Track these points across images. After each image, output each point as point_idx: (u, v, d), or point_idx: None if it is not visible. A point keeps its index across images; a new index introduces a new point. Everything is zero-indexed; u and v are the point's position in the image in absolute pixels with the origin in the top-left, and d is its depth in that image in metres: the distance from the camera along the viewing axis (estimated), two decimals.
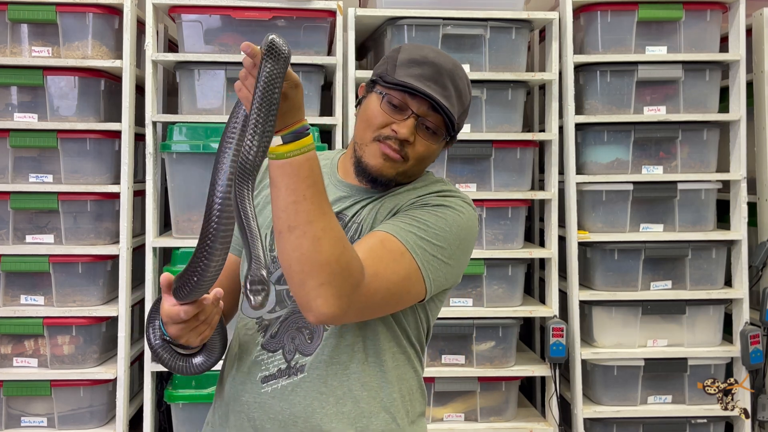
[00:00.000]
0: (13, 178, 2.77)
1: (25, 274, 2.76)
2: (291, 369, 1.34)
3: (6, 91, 2.78)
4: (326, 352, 1.33)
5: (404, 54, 1.37)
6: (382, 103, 1.34)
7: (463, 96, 1.38)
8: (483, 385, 2.87)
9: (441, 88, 1.33)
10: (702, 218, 2.94)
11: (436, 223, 1.31)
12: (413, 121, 1.32)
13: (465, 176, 2.87)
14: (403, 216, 1.32)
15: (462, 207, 1.37)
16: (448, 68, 1.35)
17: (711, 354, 2.91)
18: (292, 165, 1.15)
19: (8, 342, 2.76)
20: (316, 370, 1.33)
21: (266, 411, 1.34)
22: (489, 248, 2.87)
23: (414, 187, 1.41)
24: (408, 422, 1.39)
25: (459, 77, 1.37)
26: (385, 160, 1.33)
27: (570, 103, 2.88)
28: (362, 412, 1.34)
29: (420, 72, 1.33)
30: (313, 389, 1.33)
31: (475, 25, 2.83)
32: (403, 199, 1.38)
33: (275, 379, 1.35)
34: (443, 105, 1.32)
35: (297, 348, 1.34)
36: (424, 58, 1.35)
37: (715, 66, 2.93)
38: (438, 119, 1.34)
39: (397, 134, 1.32)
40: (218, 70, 2.78)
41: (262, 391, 1.35)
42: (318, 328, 1.34)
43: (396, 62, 1.36)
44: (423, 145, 1.35)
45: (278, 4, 2.78)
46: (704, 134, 2.93)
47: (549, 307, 2.91)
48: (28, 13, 2.72)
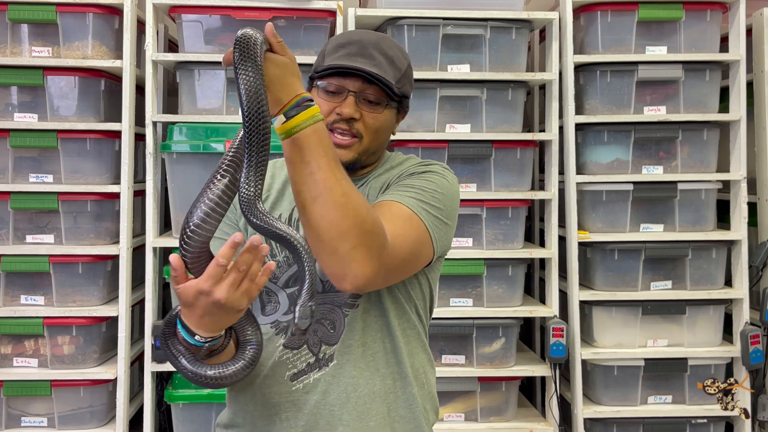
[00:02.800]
0: (13, 178, 2.77)
1: (25, 274, 2.76)
2: (320, 361, 1.37)
3: (6, 91, 2.78)
4: (351, 337, 1.36)
5: (331, 43, 1.41)
6: (320, 92, 1.37)
7: (395, 61, 1.39)
8: (483, 385, 2.87)
9: (369, 59, 1.35)
10: (702, 218, 2.94)
11: (429, 187, 1.35)
12: (352, 98, 1.35)
13: (465, 176, 2.87)
14: (396, 187, 1.36)
15: (445, 172, 1.42)
16: (372, 40, 1.38)
17: (711, 354, 2.91)
18: (300, 138, 1.17)
19: (8, 342, 2.76)
20: (345, 356, 1.36)
21: (300, 407, 1.36)
22: (489, 248, 2.87)
23: (391, 166, 1.45)
24: (426, 395, 1.45)
25: (386, 46, 1.39)
26: (339, 147, 1.35)
27: (570, 103, 2.88)
28: (388, 389, 1.39)
29: (346, 52, 1.36)
30: (345, 375, 1.36)
31: (475, 25, 2.83)
32: (386, 179, 1.41)
33: (305, 375, 1.37)
34: (374, 73, 1.34)
35: (321, 340, 1.37)
36: (347, 39, 1.39)
37: (715, 66, 2.93)
38: (376, 89, 1.36)
39: (342, 114, 1.34)
40: (218, 70, 2.78)
41: (294, 388, 1.37)
42: (338, 315, 1.36)
43: (324, 53, 1.40)
44: (370, 117, 1.37)
45: (278, 4, 2.78)
46: (704, 134, 2.93)
47: (549, 307, 2.91)
48: (28, 13, 2.72)
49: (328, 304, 1.37)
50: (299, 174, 1.17)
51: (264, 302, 1.40)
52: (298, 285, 1.17)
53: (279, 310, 1.39)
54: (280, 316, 1.39)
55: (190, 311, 1.17)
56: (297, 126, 1.16)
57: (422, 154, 2.82)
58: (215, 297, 1.13)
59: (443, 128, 2.85)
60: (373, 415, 1.37)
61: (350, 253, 1.17)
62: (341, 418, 1.35)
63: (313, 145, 1.17)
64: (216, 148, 2.71)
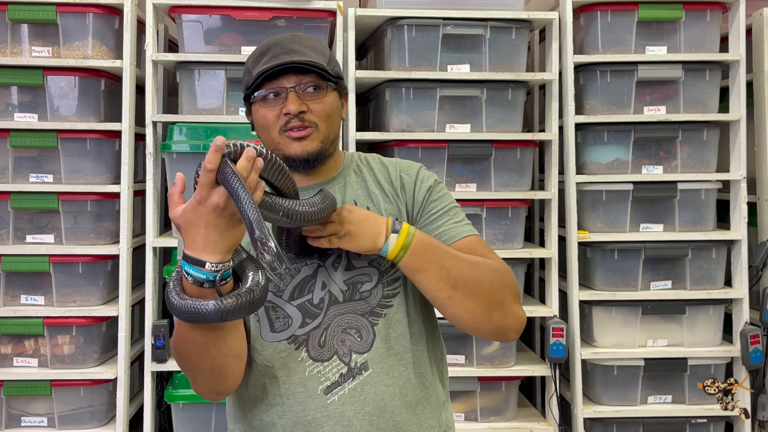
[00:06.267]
0: (13, 178, 2.77)
1: (26, 274, 2.76)
2: (353, 370, 1.35)
3: (6, 91, 2.78)
4: (384, 344, 1.36)
5: (250, 59, 1.42)
6: (261, 103, 1.37)
7: (317, 47, 1.40)
8: (483, 385, 2.87)
9: (293, 53, 1.36)
10: (702, 218, 2.94)
11: (452, 202, 1.45)
12: (293, 93, 1.34)
13: (465, 176, 2.87)
14: (439, 220, 1.41)
15: (436, 178, 1.49)
16: (288, 38, 1.40)
17: (711, 354, 2.91)
18: (413, 255, 1.30)
19: (8, 342, 2.76)
20: (379, 363, 1.35)
21: (338, 420, 1.33)
22: None
23: (367, 169, 1.48)
24: (447, 393, 1.49)
25: (303, 38, 1.41)
26: (300, 141, 1.35)
27: (570, 103, 2.88)
28: (419, 395, 1.39)
29: (268, 57, 1.36)
30: (380, 383, 1.35)
31: (475, 25, 2.83)
32: (372, 184, 1.45)
33: (339, 386, 1.34)
34: (302, 60, 1.34)
35: (351, 349, 1.35)
36: (264, 46, 1.40)
37: (715, 66, 2.93)
38: (312, 77, 1.36)
39: (290, 112, 1.34)
40: (218, 70, 2.78)
41: (329, 401, 1.33)
42: (364, 323, 1.36)
43: (248, 68, 1.40)
44: (317, 105, 1.36)
45: (278, 4, 2.78)
46: (704, 134, 2.93)
47: (549, 307, 2.91)
48: (28, 13, 2.72)
49: (351, 313, 1.36)
50: (433, 277, 1.30)
51: (272, 319, 1.37)
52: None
53: (292, 324, 1.36)
54: (296, 330, 1.35)
55: (194, 229, 1.13)
56: (402, 250, 1.29)
57: (422, 154, 2.82)
58: (213, 200, 1.11)
59: (443, 128, 2.85)
60: (408, 424, 1.37)
61: (507, 309, 1.33)
62: (379, 427, 1.34)
63: (428, 252, 1.30)
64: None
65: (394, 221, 1.31)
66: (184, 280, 1.16)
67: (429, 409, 1.41)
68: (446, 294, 1.30)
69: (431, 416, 1.41)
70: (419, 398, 1.39)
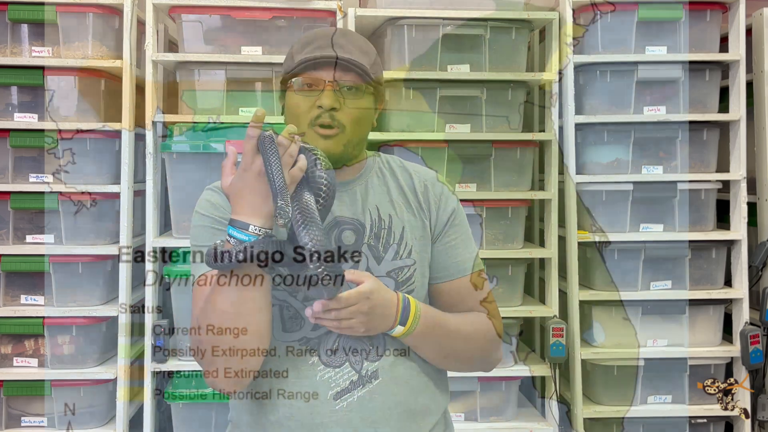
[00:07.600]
0: (13, 178, 2.77)
1: (25, 274, 2.76)
2: (363, 378, 1.35)
3: (6, 91, 2.78)
4: (394, 353, 1.37)
5: (297, 44, 1.41)
6: (297, 90, 1.36)
7: (363, 48, 1.40)
8: (483, 384, 2.86)
9: (339, 48, 1.35)
10: (702, 218, 2.93)
11: (468, 233, 1.51)
12: (330, 87, 1.34)
13: (465, 176, 2.87)
14: (456, 246, 1.47)
15: (458, 202, 1.52)
16: (338, 33, 1.40)
17: (711, 354, 2.91)
18: (414, 338, 1.37)
19: (8, 342, 2.76)
20: (389, 372, 1.36)
21: (345, 426, 1.34)
22: (489, 248, 2.87)
23: (388, 173, 1.48)
24: (447, 401, 1.52)
25: (351, 35, 1.41)
26: (325, 139, 1.35)
27: (570, 103, 2.88)
28: (423, 407, 1.42)
29: (315, 45, 1.36)
30: (388, 392, 1.36)
31: (475, 25, 2.83)
32: (391, 189, 1.45)
33: (349, 393, 1.35)
34: (348, 58, 1.34)
35: (362, 357, 1.36)
36: (312, 35, 1.40)
37: (715, 66, 2.92)
38: (352, 76, 1.36)
39: (323, 106, 1.34)
40: (218, 70, 2.78)
41: (337, 408, 1.34)
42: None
43: (293, 53, 1.40)
44: (351, 104, 1.36)
45: (278, 4, 2.78)
46: (704, 134, 2.93)
47: (549, 307, 2.91)
48: (28, 13, 2.72)
49: None
50: (425, 350, 1.39)
51: (284, 318, 1.37)
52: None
53: (304, 326, 1.36)
54: (308, 332, 1.36)
55: (240, 195, 1.23)
56: (408, 331, 1.35)
57: (422, 155, 2.82)
58: (255, 166, 1.22)
59: (443, 128, 2.85)
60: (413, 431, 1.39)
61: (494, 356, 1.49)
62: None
63: (428, 328, 1.37)
64: (216, 148, 2.71)
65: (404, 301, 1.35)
66: (227, 244, 1.23)
67: (433, 417, 1.42)
68: (437, 361, 1.42)
69: (435, 424, 1.43)
70: (424, 407, 1.41)
